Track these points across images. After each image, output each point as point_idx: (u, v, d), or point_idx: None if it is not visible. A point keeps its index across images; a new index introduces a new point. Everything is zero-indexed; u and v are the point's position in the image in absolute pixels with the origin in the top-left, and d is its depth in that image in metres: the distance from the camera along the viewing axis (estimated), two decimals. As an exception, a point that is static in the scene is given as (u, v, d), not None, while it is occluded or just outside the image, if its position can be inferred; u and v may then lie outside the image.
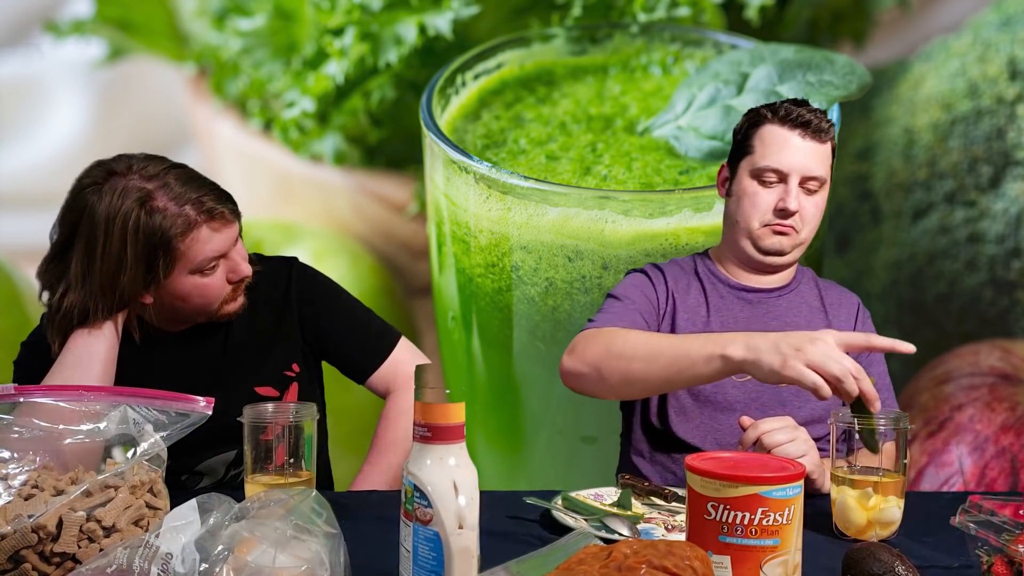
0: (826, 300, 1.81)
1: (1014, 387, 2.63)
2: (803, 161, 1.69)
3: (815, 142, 1.69)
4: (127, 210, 1.50)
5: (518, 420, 2.46)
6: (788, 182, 1.68)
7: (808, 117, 1.69)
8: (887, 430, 1.36)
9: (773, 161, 1.69)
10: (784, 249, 1.72)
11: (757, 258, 1.74)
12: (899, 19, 2.96)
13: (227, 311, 1.64)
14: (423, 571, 1.00)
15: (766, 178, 1.70)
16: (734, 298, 1.77)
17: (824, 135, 1.70)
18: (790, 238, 1.71)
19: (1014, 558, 1.08)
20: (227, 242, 1.58)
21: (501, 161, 2.34)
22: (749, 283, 1.78)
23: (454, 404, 1.02)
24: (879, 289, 2.80)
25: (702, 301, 1.77)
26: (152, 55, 2.98)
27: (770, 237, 1.71)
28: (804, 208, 1.69)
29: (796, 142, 1.69)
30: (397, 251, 2.88)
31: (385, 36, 2.56)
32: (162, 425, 1.08)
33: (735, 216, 1.74)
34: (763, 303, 1.77)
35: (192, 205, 1.53)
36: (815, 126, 1.69)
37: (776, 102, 1.75)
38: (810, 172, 1.69)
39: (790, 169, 1.68)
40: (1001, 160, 2.72)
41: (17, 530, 0.98)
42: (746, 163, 1.73)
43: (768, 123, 1.71)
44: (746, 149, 1.73)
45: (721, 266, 1.81)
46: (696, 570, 1.02)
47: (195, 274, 1.56)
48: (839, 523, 1.36)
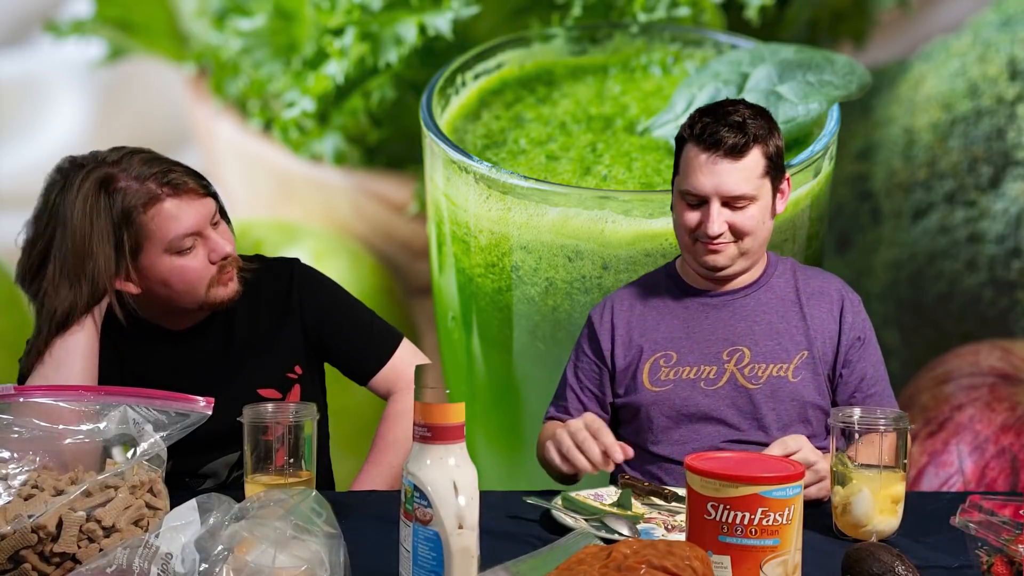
0: (803, 292, 1.75)
1: (1014, 387, 2.63)
2: (719, 183, 1.63)
3: (731, 161, 1.62)
4: (87, 193, 1.50)
5: (518, 420, 2.46)
6: (710, 204, 1.64)
7: (721, 135, 1.61)
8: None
9: (690, 185, 1.65)
10: (720, 264, 1.68)
11: (703, 272, 1.73)
12: (899, 19, 2.96)
13: (218, 297, 1.60)
14: (423, 571, 1.00)
15: (688, 200, 1.67)
16: (700, 305, 1.75)
17: (742, 151, 1.62)
18: (724, 254, 1.67)
19: (1014, 558, 1.08)
20: (198, 218, 1.54)
21: (501, 161, 2.34)
22: (711, 287, 1.76)
23: (454, 404, 1.02)
24: (879, 289, 2.80)
25: (662, 316, 1.76)
26: (152, 55, 2.97)
27: (705, 255, 1.68)
28: (736, 223, 1.64)
29: (710, 165, 1.63)
30: (397, 251, 2.88)
31: (385, 36, 2.56)
32: (162, 425, 1.08)
33: (676, 234, 1.74)
34: (728, 305, 1.74)
35: (154, 179, 1.51)
36: (731, 144, 1.61)
37: (703, 114, 1.67)
38: (728, 192, 1.63)
39: (706, 192, 1.64)
40: (1001, 160, 2.72)
41: (17, 530, 0.98)
42: (676, 182, 1.71)
43: (688, 142, 1.66)
44: (676, 167, 1.71)
45: (684, 275, 1.79)
46: (696, 570, 1.02)
47: (172, 255, 1.53)
48: (839, 523, 1.36)
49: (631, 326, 1.76)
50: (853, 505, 1.32)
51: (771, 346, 1.70)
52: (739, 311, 1.73)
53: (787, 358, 1.69)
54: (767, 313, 1.73)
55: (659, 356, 1.72)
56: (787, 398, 1.67)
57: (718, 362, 1.70)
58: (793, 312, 1.73)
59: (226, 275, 1.60)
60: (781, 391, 1.68)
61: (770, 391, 1.67)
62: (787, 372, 1.68)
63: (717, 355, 1.70)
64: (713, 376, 1.69)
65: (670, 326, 1.74)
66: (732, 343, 1.70)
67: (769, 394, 1.67)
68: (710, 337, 1.72)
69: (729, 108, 1.67)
